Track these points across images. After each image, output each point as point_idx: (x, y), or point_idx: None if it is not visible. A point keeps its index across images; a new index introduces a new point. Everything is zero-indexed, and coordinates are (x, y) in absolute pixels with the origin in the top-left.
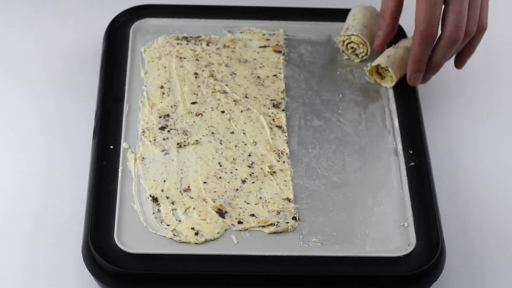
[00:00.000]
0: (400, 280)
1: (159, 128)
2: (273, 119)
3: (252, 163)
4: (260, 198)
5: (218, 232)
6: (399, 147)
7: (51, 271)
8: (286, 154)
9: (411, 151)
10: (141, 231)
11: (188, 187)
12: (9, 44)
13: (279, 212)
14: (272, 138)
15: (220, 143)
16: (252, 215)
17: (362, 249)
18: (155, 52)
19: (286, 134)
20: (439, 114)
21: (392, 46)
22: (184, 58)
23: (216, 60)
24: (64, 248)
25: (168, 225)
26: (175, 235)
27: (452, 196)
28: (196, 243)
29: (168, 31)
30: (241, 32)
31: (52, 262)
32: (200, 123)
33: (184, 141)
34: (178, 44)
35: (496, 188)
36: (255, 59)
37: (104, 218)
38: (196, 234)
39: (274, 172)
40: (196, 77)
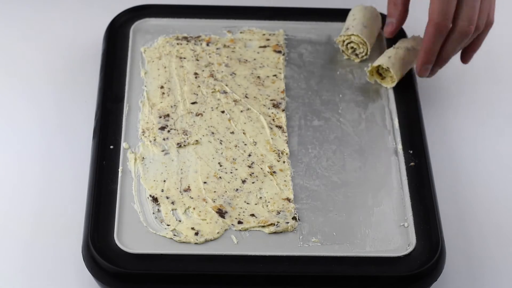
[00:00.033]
0: (400, 280)
1: (159, 128)
2: (273, 119)
3: (252, 163)
4: (260, 198)
5: (218, 232)
6: (399, 147)
7: (51, 271)
8: (286, 154)
9: (411, 151)
10: (141, 231)
11: (188, 187)
12: (9, 44)
13: (279, 212)
14: (272, 138)
15: (220, 143)
16: (252, 215)
17: (362, 249)
18: (155, 52)
19: (286, 134)
20: (439, 114)
21: (393, 46)
22: (184, 58)
23: (216, 60)
24: (64, 248)
25: (168, 225)
26: (175, 235)
27: (452, 196)
28: (196, 243)
29: (168, 31)
30: (241, 32)
31: (52, 262)
32: (200, 123)
33: (184, 141)
34: (178, 44)
35: (496, 188)
36: (255, 59)
37: (104, 218)
38: (196, 234)
39: (274, 172)
40: (196, 77)
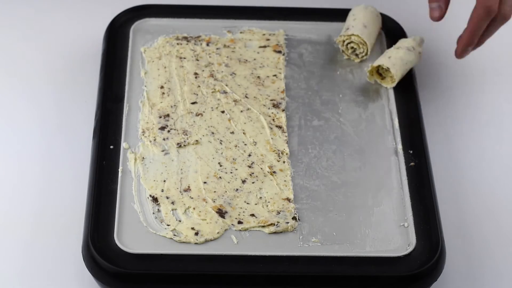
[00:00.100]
0: (400, 280)
1: (159, 128)
2: (273, 119)
3: (252, 163)
4: (260, 198)
5: (218, 232)
6: (399, 147)
7: (51, 271)
8: (286, 154)
9: (411, 151)
10: (141, 231)
11: (188, 187)
12: (9, 44)
13: (279, 212)
14: (272, 138)
15: (220, 143)
16: (252, 215)
17: (362, 249)
18: (155, 52)
19: (286, 134)
20: (439, 114)
21: (393, 46)
22: (184, 58)
23: (216, 60)
24: (64, 248)
25: (168, 225)
26: (175, 235)
27: (452, 196)
28: (196, 243)
29: (168, 31)
30: (241, 32)
31: (52, 262)
32: (200, 123)
33: (184, 141)
34: (178, 44)
35: (496, 188)
36: (255, 59)
37: (104, 218)
38: (196, 234)
39: (274, 172)
40: (196, 77)
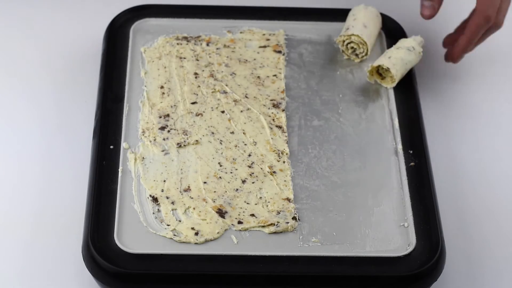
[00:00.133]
0: (400, 280)
1: (159, 128)
2: (273, 119)
3: (252, 163)
4: (260, 198)
5: (218, 232)
6: (399, 147)
7: (51, 271)
8: (286, 154)
9: (411, 151)
10: (141, 231)
11: (188, 187)
12: (9, 44)
13: (279, 212)
14: (272, 138)
15: (220, 143)
16: (252, 215)
17: (362, 249)
18: (155, 52)
19: (286, 134)
20: (439, 114)
21: (393, 46)
22: (184, 58)
23: (216, 60)
24: (64, 248)
25: (168, 225)
26: (175, 235)
27: (452, 196)
28: (196, 243)
29: (168, 31)
30: (241, 32)
31: (52, 262)
32: (200, 123)
33: (184, 141)
34: (178, 44)
35: (496, 188)
36: (255, 59)
37: (104, 218)
38: (196, 234)
39: (274, 172)
40: (196, 77)
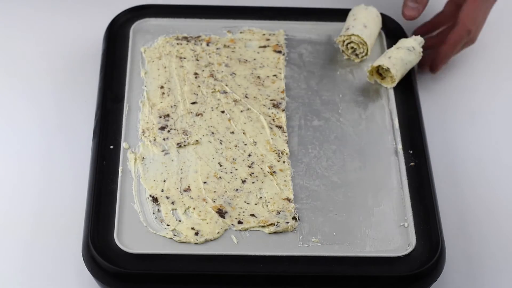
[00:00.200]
0: (400, 280)
1: (159, 128)
2: (273, 119)
3: (252, 163)
4: (260, 198)
5: (218, 232)
6: (399, 147)
7: (51, 271)
8: (286, 154)
9: (411, 151)
10: (141, 231)
11: (188, 187)
12: (9, 44)
13: (279, 212)
14: (272, 138)
15: (220, 143)
16: (252, 215)
17: (362, 249)
18: (155, 52)
19: (286, 134)
20: (439, 114)
21: (393, 46)
22: (184, 58)
23: (216, 60)
24: (64, 248)
25: (168, 225)
26: (175, 235)
27: (452, 196)
28: (196, 243)
29: (168, 31)
30: (241, 32)
31: (52, 262)
32: (200, 123)
33: (184, 141)
34: (178, 44)
35: (496, 188)
36: (255, 59)
37: (104, 218)
38: (196, 234)
39: (274, 172)
40: (196, 77)
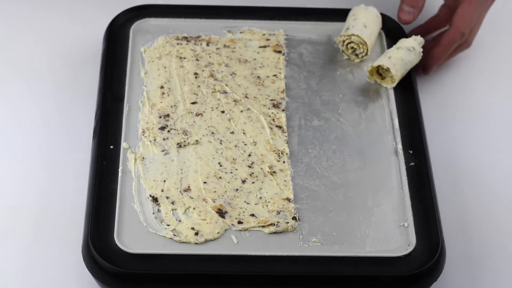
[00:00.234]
0: (400, 280)
1: (159, 128)
2: (273, 119)
3: (252, 163)
4: (260, 198)
5: (218, 232)
6: (399, 147)
7: (51, 271)
8: (286, 154)
9: (411, 151)
10: (141, 231)
11: (188, 187)
12: (9, 44)
13: (279, 212)
14: (272, 138)
15: (220, 143)
16: (252, 215)
17: (362, 249)
18: (155, 52)
19: (286, 134)
20: (439, 114)
21: (393, 46)
22: (184, 58)
23: (216, 60)
24: (64, 248)
25: (168, 225)
26: (175, 235)
27: (452, 196)
28: (196, 243)
29: (168, 31)
30: (241, 32)
31: (52, 262)
32: (200, 123)
33: (184, 141)
34: (178, 44)
35: (496, 188)
36: (255, 59)
37: (104, 218)
38: (196, 234)
39: (274, 172)
40: (196, 77)
